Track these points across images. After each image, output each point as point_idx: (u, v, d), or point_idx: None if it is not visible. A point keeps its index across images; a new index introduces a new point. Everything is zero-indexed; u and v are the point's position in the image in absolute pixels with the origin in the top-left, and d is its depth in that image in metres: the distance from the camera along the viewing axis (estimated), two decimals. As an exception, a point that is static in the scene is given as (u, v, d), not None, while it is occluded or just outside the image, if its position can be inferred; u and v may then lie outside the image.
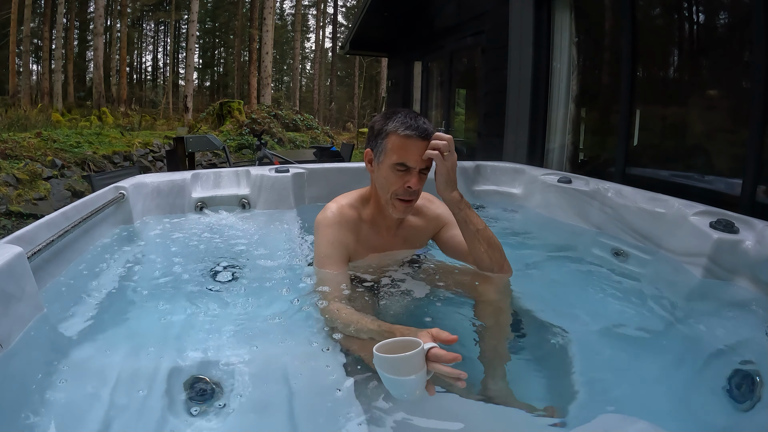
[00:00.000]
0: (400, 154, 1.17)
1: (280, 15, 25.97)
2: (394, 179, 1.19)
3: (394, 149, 1.17)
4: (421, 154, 1.17)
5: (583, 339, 1.17)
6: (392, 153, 1.18)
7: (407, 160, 1.17)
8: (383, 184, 1.22)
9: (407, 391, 0.76)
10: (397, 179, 1.19)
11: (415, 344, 0.74)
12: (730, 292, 1.39)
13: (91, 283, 1.39)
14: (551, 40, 3.73)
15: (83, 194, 5.38)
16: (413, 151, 1.16)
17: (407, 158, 1.17)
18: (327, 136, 12.68)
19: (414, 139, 1.16)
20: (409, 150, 1.16)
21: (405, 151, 1.16)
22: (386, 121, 1.20)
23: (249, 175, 2.34)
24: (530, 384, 1.06)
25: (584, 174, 2.41)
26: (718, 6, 2.80)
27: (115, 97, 17.70)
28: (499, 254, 1.23)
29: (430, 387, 0.77)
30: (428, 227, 1.38)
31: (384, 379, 0.77)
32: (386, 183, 1.21)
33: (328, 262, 1.23)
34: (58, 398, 0.86)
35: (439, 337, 0.78)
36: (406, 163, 1.17)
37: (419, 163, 1.18)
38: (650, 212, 1.80)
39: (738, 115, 2.54)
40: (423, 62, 6.83)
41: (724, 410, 0.92)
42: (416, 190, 1.20)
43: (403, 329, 0.89)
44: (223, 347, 1.03)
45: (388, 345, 0.75)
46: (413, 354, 0.72)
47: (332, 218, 1.25)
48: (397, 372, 0.73)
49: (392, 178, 1.19)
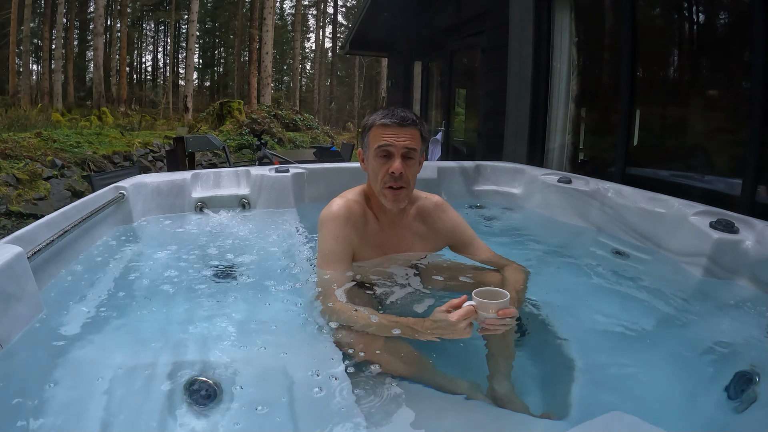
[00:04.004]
0: (379, 140, 1.21)
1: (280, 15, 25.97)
2: (378, 167, 1.22)
3: (375, 138, 1.22)
4: (401, 139, 1.20)
5: (583, 338, 1.17)
6: (374, 142, 1.22)
7: (385, 142, 1.20)
8: (372, 176, 1.25)
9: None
10: (380, 166, 1.22)
11: (503, 294, 0.93)
12: (730, 291, 1.39)
13: (91, 282, 1.39)
14: (551, 40, 3.73)
15: (83, 194, 5.38)
16: (391, 136, 1.20)
17: (385, 141, 1.20)
18: (327, 136, 12.67)
19: (392, 126, 1.20)
20: (387, 135, 1.20)
21: (383, 136, 1.20)
22: (368, 118, 1.27)
23: (249, 175, 2.34)
24: (531, 383, 1.06)
25: (584, 174, 2.41)
26: (718, 6, 2.80)
27: (115, 97, 17.68)
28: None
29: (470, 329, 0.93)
30: (439, 236, 1.38)
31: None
32: (374, 173, 1.24)
33: (332, 259, 1.22)
34: (58, 398, 0.86)
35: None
36: (385, 147, 1.20)
37: (398, 147, 1.20)
38: (650, 212, 1.80)
39: (738, 115, 2.54)
40: (423, 62, 6.83)
41: (724, 409, 0.92)
42: (401, 175, 1.20)
43: (411, 320, 0.95)
44: (223, 347, 1.03)
45: (483, 291, 0.94)
46: (506, 300, 0.92)
47: (338, 212, 1.25)
48: (485, 310, 0.91)
49: (377, 167, 1.22)
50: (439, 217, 1.37)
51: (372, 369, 0.96)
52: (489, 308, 0.90)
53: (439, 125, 6.20)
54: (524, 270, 1.29)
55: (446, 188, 2.65)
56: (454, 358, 1.07)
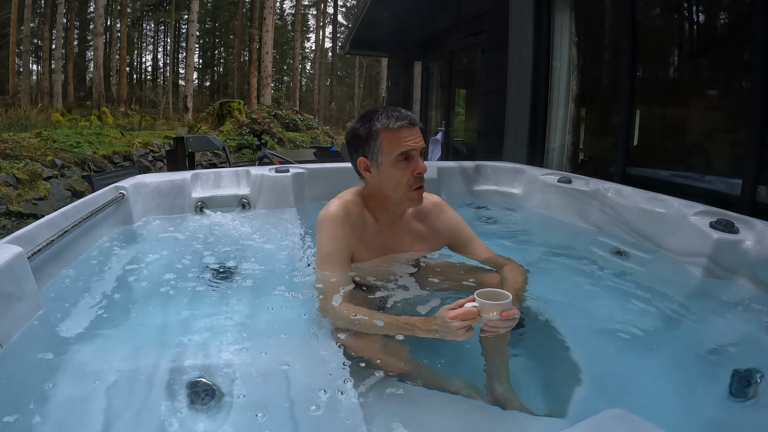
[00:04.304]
0: (400, 146, 1.17)
1: (280, 15, 25.95)
2: (402, 173, 1.19)
3: (391, 144, 1.17)
4: (417, 140, 1.19)
5: (582, 338, 1.17)
6: (391, 148, 1.17)
7: (408, 146, 1.17)
8: (392, 184, 1.21)
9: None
10: (404, 171, 1.19)
11: (505, 296, 0.92)
12: (730, 291, 1.39)
13: (91, 282, 1.39)
14: (551, 40, 3.73)
15: (83, 194, 5.38)
16: (409, 138, 1.18)
17: (407, 145, 1.17)
18: (327, 136, 12.66)
19: (406, 127, 1.18)
20: (406, 138, 1.17)
21: (402, 140, 1.17)
22: (370, 123, 1.20)
23: (249, 175, 2.34)
24: (530, 383, 1.06)
25: (584, 174, 2.41)
26: (718, 6, 2.80)
27: (115, 97, 17.67)
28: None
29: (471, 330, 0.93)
30: (438, 236, 1.37)
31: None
32: (395, 180, 1.20)
33: (330, 260, 1.22)
34: (57, 397, 0.86)
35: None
36: (409, 150, 1.18)
37: (418, 148, 1.19)
38: (650, 212, 1.80)
39: (738, 115, 2.54)
40: (423, 62, 6.83)
41: (724, 408, 0.92)
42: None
43: (412, 318, 0.96)
44: (223, 347, 1.03)
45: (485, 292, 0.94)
46: (509, 301, 0.91)
47: (336, 213, 1.23)
48: (489, 314, 0.91)
49: (399, 173, 1.19)
50: (437, 217, 1.36)
51: (372, 370, 0.96)
52: (491, 309, 0.90)
53: (439, 125, 6.20)
54: (523, 269, 1.29)
55: (446, 188, 2.65)
56: (454, 359, 1.07)
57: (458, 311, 0.91)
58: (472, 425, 0.89)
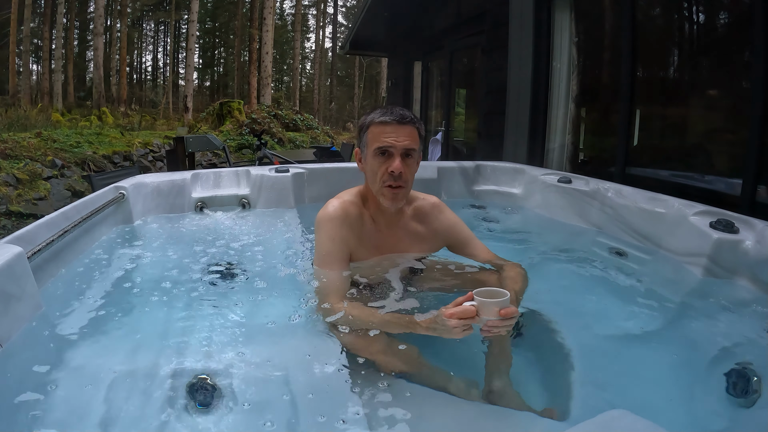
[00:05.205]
0: (379, 139, 1.19)
1: (280, 15, 25.95)
2: (377, 166, 1.21)
3: (374, 137, 1.21)
4: (400, 138, 1.18)
5: (582, 338, 1.17)
6: (372, 141, 1.21)
7: (385, 142, 1.18)
8: (371, 176, 1.24)
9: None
10: (379, 165, 1.20)
11: (503, 294, 0.91)
12: (730, 291, 1.39)
13: (91, 282, 1.39)
14: (551, 40, 3.73)
15: (83, 194, 5.38)
16: (391, 135, 1.18)
17: (385, 141, 1.18)
18: (327, 136, 12.66)
19: (391, 124, 1.19)
20: (387, 134, 1.19)
21: (383, 135, 1.19)
22: (366, 117, 1.25)
23: (249, 175, 2.34)
24: (530, 383, 1.06)
25: (584, 174, 2.41)
26: (718, 6, 2.80)
27: (115, 97, 17.67)
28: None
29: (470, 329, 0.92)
30: (436, 237, 1.37)
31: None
32: (372, 173, 1.23)
33: (329, 260, 1.22)
34: (57, 397, 0.86)
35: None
36: (385, 147, 1.19)
37: (398, 147, 1.19)
38: (650, 212, 1.80)
39: (738, 115, 2.54)
40: (423, 62, 6.83)
41: (724, 408, 0.92)
42: (401, 174, 1.19)
43: (412, 317, 0.97)
44: (223, 347, 1.03)
45: (483, 291, 0.93)
46: (507, 299, 0.90)
47: (334, 214, 1.24)
48: (488, 312, 0.90)
49: (375, 166, 1.21)
50: (436, 218, 1.36)
51: (372, 369, 0.96)
52: (490, 307, 0.90)
53: (439, 125, 6.20)
54: (522, 269, 1.29)
55: (446, 188, 2.65)
56: (453, 358, 1.07)
57: (455, 310, 0.91)
58: (473, 425, 0.89)
